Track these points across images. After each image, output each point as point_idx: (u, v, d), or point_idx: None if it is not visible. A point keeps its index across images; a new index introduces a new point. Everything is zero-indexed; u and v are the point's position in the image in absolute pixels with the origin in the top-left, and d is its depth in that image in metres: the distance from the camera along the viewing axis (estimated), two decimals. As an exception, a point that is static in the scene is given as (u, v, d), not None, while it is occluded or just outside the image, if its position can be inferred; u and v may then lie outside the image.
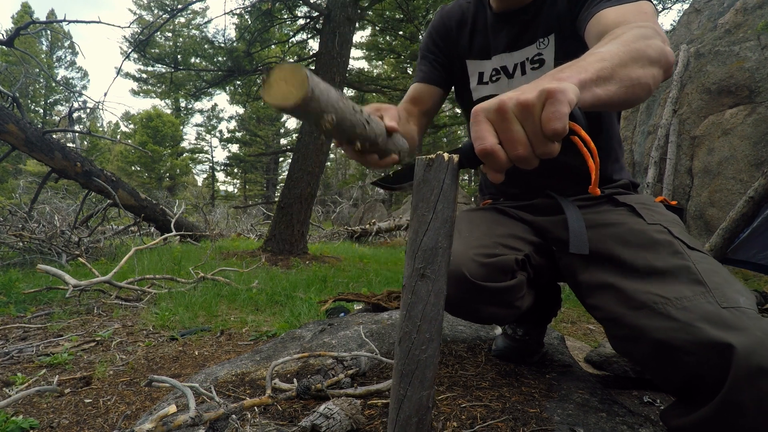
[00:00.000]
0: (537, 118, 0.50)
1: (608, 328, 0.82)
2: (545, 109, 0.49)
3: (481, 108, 0.53)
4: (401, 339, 0.56)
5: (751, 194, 3.10)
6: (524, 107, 0.50)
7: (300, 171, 5.98)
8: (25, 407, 1.37)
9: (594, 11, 0.87)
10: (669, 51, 0.71)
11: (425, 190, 0.55)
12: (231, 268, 3.97)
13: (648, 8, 0.82)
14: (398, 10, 9.52)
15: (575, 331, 2.43)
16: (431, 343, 0.56)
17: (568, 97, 0.49)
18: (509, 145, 0.51)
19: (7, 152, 4.94)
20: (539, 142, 0.51)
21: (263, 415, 1.02)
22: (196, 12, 18.09)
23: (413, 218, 0.56)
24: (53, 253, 4.45)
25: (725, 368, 0.61)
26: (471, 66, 1.16)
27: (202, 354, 1.94)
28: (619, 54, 0.62)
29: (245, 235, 9.65)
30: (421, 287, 0.55)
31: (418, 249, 0.55)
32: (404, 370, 0.56)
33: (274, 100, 0.54)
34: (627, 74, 0.62)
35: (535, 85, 0.53)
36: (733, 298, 0.69)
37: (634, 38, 0.67)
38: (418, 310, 0.55)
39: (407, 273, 0.56)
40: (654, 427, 0.96)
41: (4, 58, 16.69)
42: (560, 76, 0.56)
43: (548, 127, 0.49)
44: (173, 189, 29.52)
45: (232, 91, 17.96)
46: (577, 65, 0.59)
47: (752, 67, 5.08)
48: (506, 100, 0.51)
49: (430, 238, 0.55)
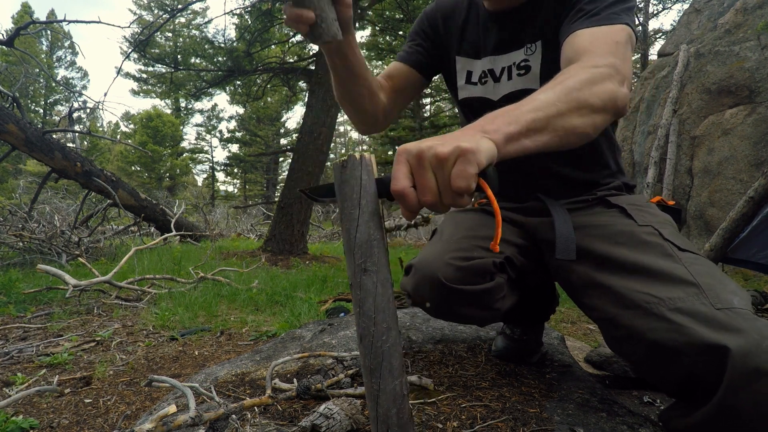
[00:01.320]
0: (448, 172, 0.53)
1: (604, 328, 0.83)
2: (455, 165, 0.53)
3: (405, 149, 0.56)
4: (361, 336, 0.58)
5: (751, 194, 3.10)
6: (438, 160, 0.53)
7: (300, 171, 5.98)
8: (25, 407, 1.37)
9: (572, 28, 0.87)
10: (621, 94, 0.71)
11: (346, 189, 0.57)
12: (231, 268, 3.97)
13: (620, 36, 0.81)
14: (398, 10, 9.52)
15: (575, 331, 2.43)
16: (390, 332, 0.58)
17: (478, 158, 0.53)
18: (420, 191, 0.55)
19: (7, 152, 4.95)
20: (447, 193, 0.54)
21: (263, 415, 1.02)
22: (196, 12, 18.09)
23: (342, 218, 0.58)
24: (53, 253, 4.45)
25: (720, 370, 0.61)
26: (460, 63, 1.15)
27: (202, 354, 1.94)
28: (556, 104, 0.64)
29: (245, 235, 9.65)
30: (366, 281, 0.57)
31: (354, 245, 0.57)
32: (371, 365, 0.57)
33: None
34: (561, 124, 0.64)
35: (457, 137, 0.55)
36: (726, 299, 0.69)
37: (580, 85, 0.67)
38: (369, 304, 0.57)
39: (350, 271, 0.58)
40: (654, 427, 0.96)
41: (4, 58, 16.69)
42: (487, 128, 0.58)
43: (454, 184, 0.53)
44: (173, 189, 29.52)
45: (232, 91, 17.94)
46: (509, 115, 0.61)
47: (752, 67, 5.08)
48: (425, 149, 0.54)
49: (362, 232, 0.57)
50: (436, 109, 22.21)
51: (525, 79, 1.04)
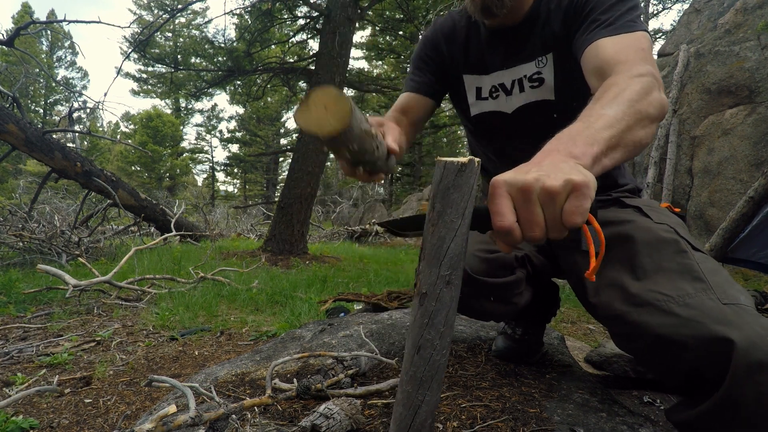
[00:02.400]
0: (559, 206, 0.51)
1: (611, 325, 0.83)
2: (569, 201, 0.50)
3: (504, 181, 0.52)
4: (422, 347, 0.54)
5: (751, 194, 3.10)
6: (549, 195, 0.50)
7: (300, 171, 5.98)
8: (25, 407, 1.37)
9: (591, 38, 0.87)
10: (665, 100, 0.72)
11: (455, 195, 0.52)
12: (231, 268, 3.97)
13: (645, 43, 0.82)
14: (398, 10, 9.52)
15: (575, 331, 2.43)
16: (446, 346, 0.56)
17: (591, 193, 0.50)
18: (526, 226, 0.52)
19: (7, 152, 4.95)
20: (556, 228, 0.52)
21: (263, 415, 1.02)
22: (196, 12, 18.10)
23: (439, 223, 0.53)
24: (53, 253, 4.45)
25: (725, 363, 0.62)
26: (468, 80, 1.16)
27: (202, 354, 1.94)
28: (625, 119, 0.63)
29: (245, 235, 9.65)
30: (445, 294, 0.53)
31: (444, 256, 0.53)
32: (424, 376, 0.55)
33: (307, 124, 0.51)
34: (632, 139, 0.64)
35: (556, 165, 0.53)
36: (733, 296, 0.70)
37: (638, 96, 0.67)
38: (441, 317, 0.54)
39: (430, 280, 0.54)
40: (654, 427, 0.96)
41: (4, 58, 16.69)
42: (575, 152, 0.56)
43: (569, 220, 0.50)
44: (173, 189, 29.52)
45: (232, 91, 17.95)
46: (586, 134, 0.59)
47: (752, 67, 5.07)
48: (533, 182, 0.51)
49: (457, 244, 0.53)
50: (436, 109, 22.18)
51: (539, 91, 1.05)
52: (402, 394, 0.57)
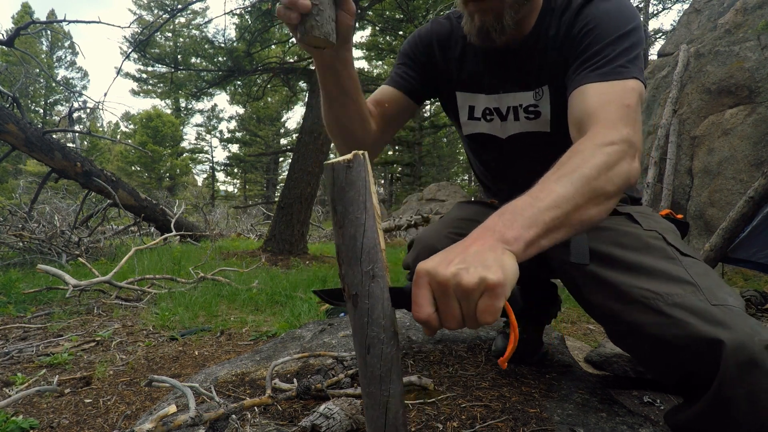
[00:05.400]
0: (473, 303, 0.52)
1: (606, 324, 0.84)
2: (482, 299, 0.52)
3: (426, 271, 0.54)
4: (370, 346, 0.55)
5: (751, 194, 3.10)
6: (464, 292, 0.52)
7: (300, 171, 5.98)
8: (25, 407, 1.37)
9: (579, 81, 0.84)
10: (634, 171, 0.71)
11: (352, 192, 0.53)
12: (231, 268, 3.97)
13: (631, 98, 0.78)
14: (398, 10, 9.51)
15: (575, 331, 2.43)
16: (395, 336, 0.56)
17: (505, 291, 0.52)
18: (444, 318, 0.54)
19: (7, 152, 4.95)
20: (471, 321, 0.54)
21: (263, 415, 1.02)
22: (196, 12, 18.08)
23: (345, 223, 0.54)
24: (53, 253, 4.45)
25: (715, 363, 0.62)
26: (461, 98, 1.11)
27: (202, 354, 1.94)
28: (576, 198, 0.63)
29: (245, 235, 9.65)
30: (374, 288, 0.54)
31: (361, 252, 0.53)
32: (382, 372, 0.55)
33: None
34: (578, 218, 0.64)
35: (480, 255, 0.54)
36: (722, 297, 0.70)
37: (597, 172, 0.66)
38: (378, 311, 0.54)
39: (355, 280, 0.54)
40: (654, 427, 0.96)
41: (4, 58, 16.69)
42: (508, 236, 0.57)
43: (481, 318, 0.52)
44: (173, 189, 29.52)
45: (232, 91, 17.93)
46: (528, 214, 0.60)
47: (752, 67, 5.07)
48: (450, 278, 0.52)
49: (369, 237, 0.53)
50: (436, 109, 22.23)
51: (535, 123, 1.03)
52: (367, 396, 0.57)
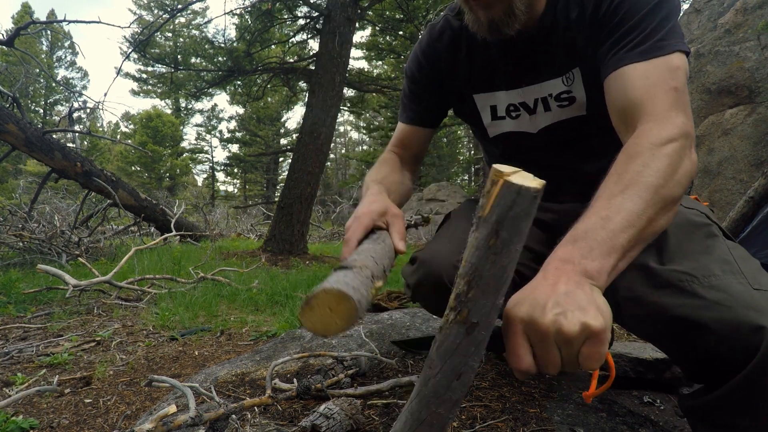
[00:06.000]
0: (576, 350, 0.50)
1: (627, 307, 0.77)
2: (586, 346, 0.50)
3: (521, 319, 0.52)
4: (463, 373, 0.51)
5: (751, 194, 3.10)
6: (566, 340, 0.50)
7: (300, 171, 5.97)
8: (25, 407, 1.37)
9: (616, 63, 0.78)
10: (695, 164, 0.67)
11: (524, 225, 0.46)
12: (231, 268, 3.97)
13: (679, 78, 0.72)
14: (398, 10, 9.51)
15: (575, 331, 2.43)
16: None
17: (608, 336, 0.50)
18: (542, 364, 0.52)
19: (7, 152, 4.95)
20: (572, 366, 0.52)
21: (263, 415, 1.02)
22: (196, 12, 18.10)
23: (503, 252, 0.47)
24: (53, 253, 4.45)
25: (752, 349, 0.59)
26: (480, 100, 1.03)
27: (202, 354, 1.94)
28: (647, 211, 0.60)
29: (245, 235, 9.65)
30: (493, 321, 0.50)
31: (503, 286, 0.48)
32: (457, 399, 0.52)
33: (313, 326, 0.50)
34: (652, 231, 0.61)
35: (572, 296, 0.51)
36: (765, 283, 0.66)
37: (664, 179, 0.62)
38: (485, 344, 0.51)
39: (484, 310, 0.49)
40: (654, 427, 0.96)
41: (4, 58, 16.69)
42: (589, 269, 0.55)
43: (586, 365, 0.50)
44: (173, 189, 29.52)
45: (232, 91, 17.96)
46: (603, 239, 0.57)
47: (752, 67, 5.08)
48: (549, 326, 0.50)
49: (512, 272, 0.48)
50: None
51: (569, 110, 0.96)
52: (431, 415, 0.53)
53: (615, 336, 1.74)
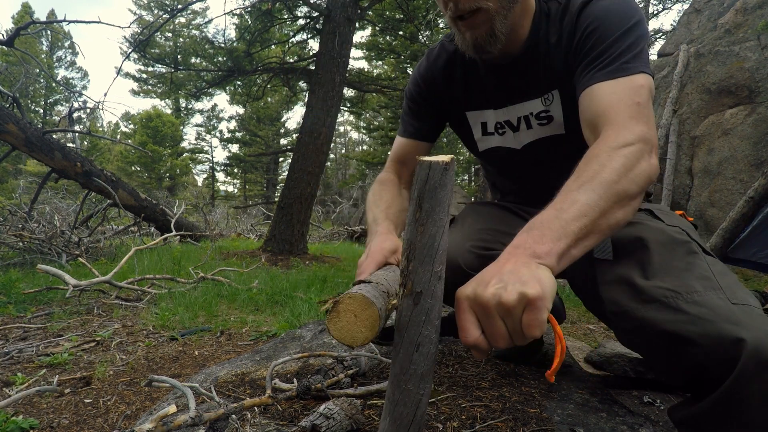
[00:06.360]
0: (517, 318, 0.53)
1: (616, 321, 0.82)
2: (525, 314, 0.53)
3: (466, 296, 0.56)
4: (421, 344, 0.55)
5: (751, 194, 3.10)
6: (506, 310, 0.53)
7: (300, 171, 5.97)
8: (25, 407, 1.37)
9: (587, 81, 0.85)
10: (653, 168, 0.71)
11: (442, 194, 0.53)
12: (231, 268, 3.97)
13: (642, 95, 0.79)
14: (398, 10, 9.52)
15: (575, 331, 2.43)
16: (438, 341, 0.57)
17: (547, 303, 0.53)
18: (491, 338, 0.55)
19: (7, 152, 4.94)
20: (518, 337, 0.54)
21: (263, 415, 1.02)
22: (196, 12, 18.11)
23: (428, 222, 0.53)
24: (53, 253, 4.45)
25: (733, 361, 0.62)
26: (472, 117, 1.13)
27: (202, 354, 1.94)
28: (600, 204, 0.64)
29: (245, 235, 9.65)
30: (438, 289, 0.55)
31: (435, 253, 0.54)
32: (424, 371, 0.56)
33: (340, 335, 0.54)
34: (607, 223, 0.64)
35: (516, 272, 0.55)
36: (743, 297, 0.70)
37: (618, 175, 0.67)
38: (436, 312, 0.55)
39: (424, 278, 0.54)
40: (654, 427, 0.96)
41: (4, 58, 16.69)
42: (539, 251, 0.58)
43: (528, 332, 0.53)
44: (173, 189, 29.52)
45: (232, 91, 17.95)
46: (555, 226, 0.61)
47: (752, 67, 5.08)
48: (490, 299, 0.53)
49: (444, 240, 0.54)
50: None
51: (548, 128, 1.04)
52: (402, 393, 0.57)
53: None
